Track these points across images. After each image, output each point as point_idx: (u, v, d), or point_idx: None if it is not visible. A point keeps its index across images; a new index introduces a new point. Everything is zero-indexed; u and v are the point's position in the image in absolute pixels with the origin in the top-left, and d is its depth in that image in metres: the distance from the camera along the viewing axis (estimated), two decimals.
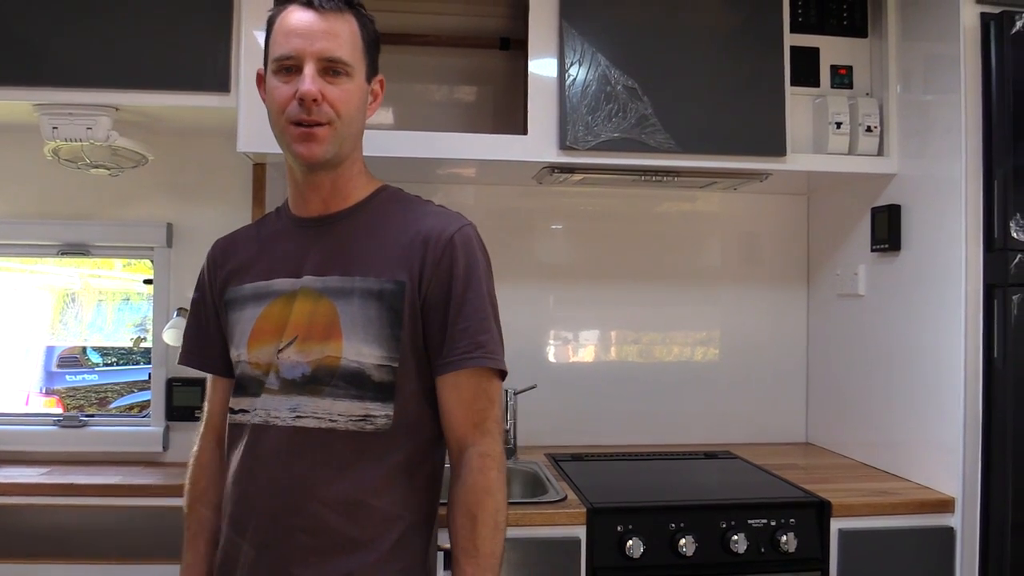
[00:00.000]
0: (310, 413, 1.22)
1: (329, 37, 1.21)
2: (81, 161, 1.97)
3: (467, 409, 1.24)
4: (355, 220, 1.31)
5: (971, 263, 1.79)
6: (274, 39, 1.24)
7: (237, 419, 1.28)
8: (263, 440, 1.23)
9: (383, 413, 1.22)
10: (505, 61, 2.30)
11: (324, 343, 1.22)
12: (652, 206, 2.45)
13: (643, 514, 1.73)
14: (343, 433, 1.21)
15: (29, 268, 2.33)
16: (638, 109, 1.93)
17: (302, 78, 1.20)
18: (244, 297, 1.30)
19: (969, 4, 1.81)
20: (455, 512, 1.22)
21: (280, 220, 1.37)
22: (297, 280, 1.26)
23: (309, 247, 1.28)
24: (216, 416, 1.39)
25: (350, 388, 1.21)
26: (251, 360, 1.26)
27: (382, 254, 1.26)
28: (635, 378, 2.43)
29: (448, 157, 1.95)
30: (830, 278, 2.36)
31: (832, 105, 2.04)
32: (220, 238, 1.42)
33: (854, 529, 1.77)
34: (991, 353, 1.78)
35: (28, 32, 1.82)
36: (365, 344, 1.21)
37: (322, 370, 1.21)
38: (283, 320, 1.25)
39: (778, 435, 2.47)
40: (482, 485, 1.21)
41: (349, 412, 1.21)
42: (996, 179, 1.77)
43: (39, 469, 1.97)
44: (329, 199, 1.31)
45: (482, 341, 1.24)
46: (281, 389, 1.23)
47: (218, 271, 1.36)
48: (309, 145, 1.22)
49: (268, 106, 1.26)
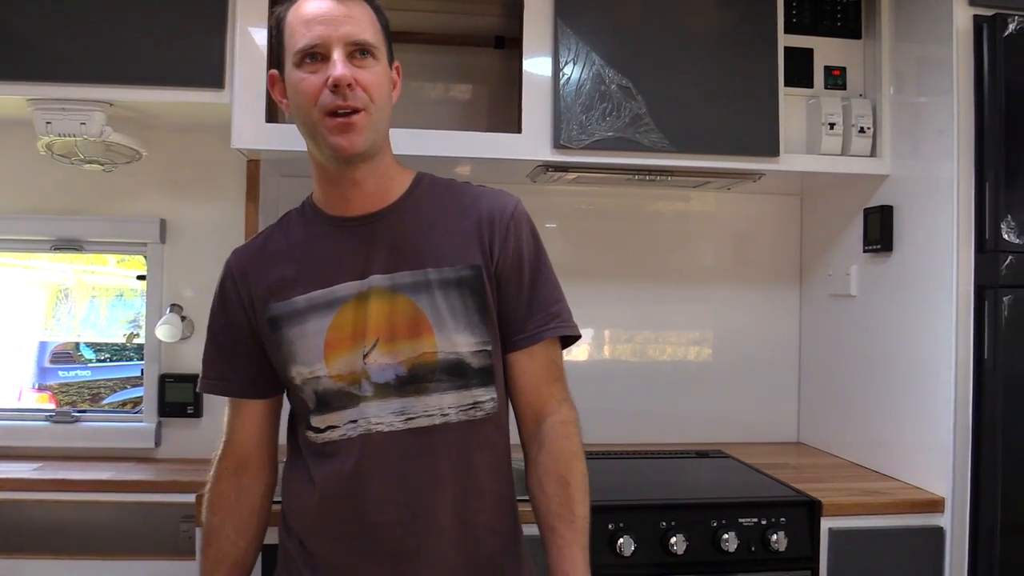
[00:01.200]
0: (421, 412, 1.20)
1: (352, 21, 1.17)
2: (75, 156, 1.96)
3: (543, 379, 1.28)
4: (407, 212, 1.26)
5: (962, 264, 1.80)
6: (291, 31, 1.18)
7: (326, 437, 1.22)
8: (369, 450, 1.19)
9: (489, 397, 1.24)
10: (500, 59, 2.30)
11: (414, 340, 1.20)
12: (646, 205, 2.46)
13: (634, 512, 1.73)
14: (456, 424, 1.21)
15: (22, 263, 2.32)
16: (632, 108, 1.94)
17: (332, 64, 1.14)
18: (299, 311, 1.22)
19: (962, 6, 1.82)
20: (545, 480, 1.24)
21: (313, 223, 1.28)
22: (363, 282, 1.21)
23: (366, 246, 1.23)
24: (241, 441, 1.32)
25: (454, 380, 1.21)
26: (332, 373, 1.20)
27: (448, 242, 1.24)
28: (628, 377, 2.43)
29: (442, 155, 1.95)
30: (822, 278, 2.37)
31: (825, 106, 2.05)
32: (238, 251, 1.32)
33: (844, 528, 1.78)
34: (982, 354, 1.78)
35: (22, 26, 1.82)
36: (457, 333, 1.21)
37: (420, 367, 1.20)
38: (360, 325, 1.20)
39: (769, 435, 2.48)
40: (571, 450, 1.26)
41: (459, 403, 1.22)
42: (988, 181, 1.78)
43: (31, 465, 1.97)
44: (372, 195, 1.25)
45: (556, 311, 1.28)
46: (377, 395, 1.20)
47: (250, 287, 1.26)
48: (349, 136, 1.16)
49: (295, 102, 1.19)
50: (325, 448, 1.23)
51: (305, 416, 1.25)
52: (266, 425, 1.33)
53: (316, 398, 1.22)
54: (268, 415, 1.33)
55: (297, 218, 1.32)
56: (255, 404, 1.31)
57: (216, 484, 1.31)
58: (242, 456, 1.32)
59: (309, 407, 1.23)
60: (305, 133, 1.22)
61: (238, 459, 1.32)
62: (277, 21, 1.23)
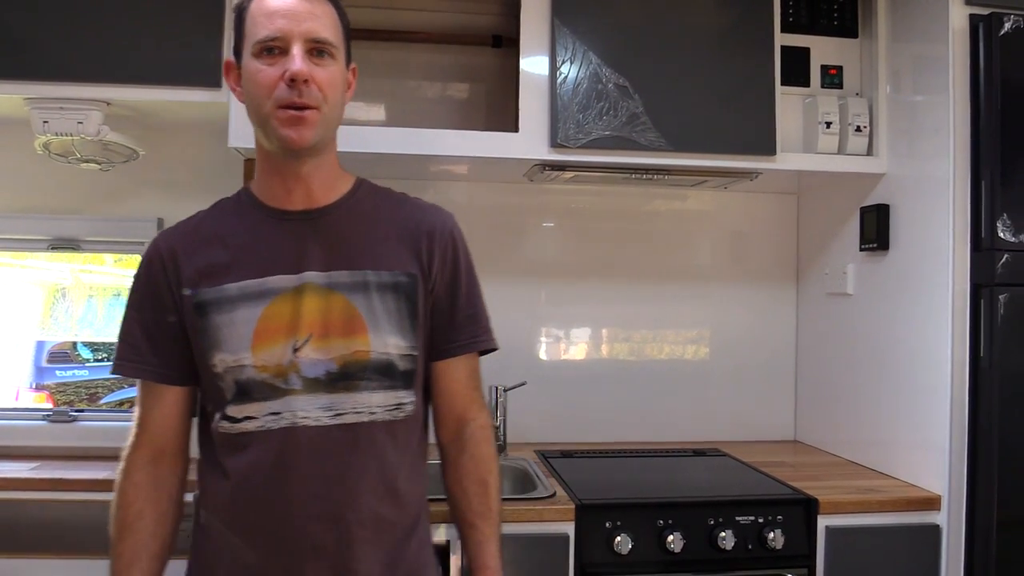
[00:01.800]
0: (350, 409, 1.21)
1: (314, 18, 1.19)
2: (72, 155, 1.96)
3: (467, 387, 1.35)
4: (348, 213, 1.29)
5: (958, 263, 1.81)
6: (253, 21, 1.19)
7: (240, 427, 1.21)
8: (292, 443, 1.19)
9: (410, 399, 1.27)
10: (497, 58, 2.30)
11: (348, 338, 1.22)
12: (643, 204, 2.46)
13: (632, 511, 1.74)
14: (380, 424, 1.24)
15: (19, 263, 2.32)
16: (629, 107, 1.94)
17: (291, 58, 1.16)
18: (229, 298, 1.22)
19: (958, 5, 1.82)
20: (465, 481, 1.32)
21: (250, 212, 1.28)
22: (297, 276, 1.22)
23: (304, 242, 1.24)
24: (158, 430, 1.28)
25: (383, 379, 1.24)
26: (257, 364, 1.20)
27: (387, 247, 1.27)
28: (625, 376, 2.44)
29: (440, 154, 1.95)
30: (819, 277, 2.37)
31: (822, 105, 2.05)
32: (166, 232, 1.30)
33: (841, 526, 1.79)
34: (977, 352, 1.79)
35: (19, 25, 1.81)
36: (390, 335, 1.24)
37: (352, 365, 1.22)
38: (292, 319, 1.21)
39: (767, 433, 2.48)
40: (490, 454, 1.35)
41: (385, 402, 1.24)
42: (983, 179, 1.78)
43: (29, 464, 1.97)
44: (316, 190, 1.27)
45: (484, 325, 1.36)
46: (306, 388, 1.21)
47: (179, 271, 1.24)
48: (299, 129, 1.17)
49: (249, 91, 1.20)
50: (240, 439, 1.22)
51: (221, 406, 1.23)
52: (183, 413, 1.30)
53: (236, 387, 1.21)
54: (186, 403, 1.30)
55: (232, 206, 1.32)
56: (174, 391, 1.28)
57: (131, 475, 1.27)
58: (159, 446, 1.28)
59: (227, 397, 1.22)
60: (255, 122, 1.23)
61: (154, 449, 1.28)
62: (239, 10, 1.24)
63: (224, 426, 1.23)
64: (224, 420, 1.23)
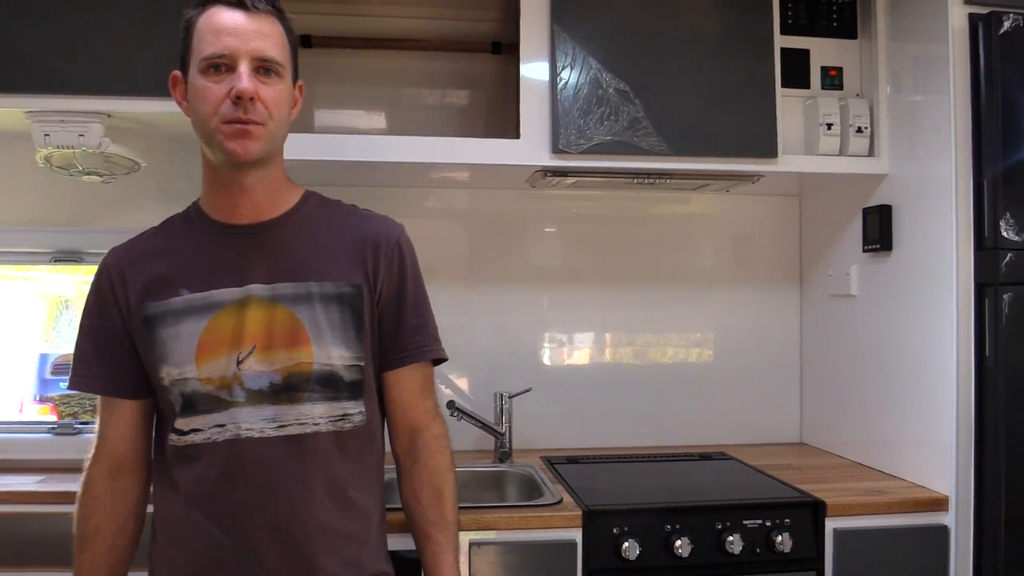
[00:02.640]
0: (293, 420, 1.22)
1: (261, 37, 1.19)
2: (73, 168, 1.96)
3: (418, 396, 1.35)
4: (293, 226, 1.30)
5: (962, 262, 1.80)
6: (200, 38, 1.20)
7: (188, 440, 1.23)
8: (237, 455, 1.20)
9: (358, 410, 1.27)
10: (497, 65, 2.30)
11: (291, 350, 1.22)
12: (645, 208, 2.46)
13: (639, 516, 1.73)
14: (326, 435, 1.24)
15: (22, 275, 2.32)
16: (630, 112, 1.94)
17: (237, 76, 1.17)
18: (174, 311, 1.23)
19: (957, 5, 1.82)
20: (420, 491, 1.32)
21: (197, 227, 1.30)
22: (241, 289, 1.23)
23: (249, 255, 1.26)
24: (115, 443, 1.30)
25: (326, 391, 1.25)
26: (201, 376, 1.21)
27: (331, 258, 1.28)
28: (630, 380, 2.43)
29: (441, 162, 1.95)
30: (823, 278, 2.37)
31: (823, 106, 2.05)
32: (115, 250, 1.32)
33: (849, 528, 1.78)
34: (983, 351, 1.78)
35: (19, 38, 1.81)
36: (333, 347, 1.25)
37: (295, 376, 1.22)
38: (236, 331, 1.22)
39: (772, 436, 2.48)
40: (444, 463, 1.34)
41: (330, 413, 1.25)
42: (986, 179, 1.78)
43: (34, 477, 1.96)
44: (260, 204, 1.28)
45: (433, 335, 1.37)
46: (249, 401, 1.21)
47: (126, 287, 1.26)
48: (243, 142, 1.18)
49: (196, 107, 1.21)
50: (187, 451, 1.23)
51: (171, 419, 1.25)
52: (140, 426, 1.31)
53: (183, 400, 1.23)
54: (142, 416, 1.31)
55: (180, 222, 1.34)
56: (129, 404, 1.29)
57: (89, 488, 1.29)
58: (116, 458, 1.30)
59: (175, 410, 1.24)
60: (201, 137, 1.23)
61: (112, 462, 1.30)
62: (187, 24, 1.24)
63: (173, 439, 1.24)
64: (173, 433, 1.24)
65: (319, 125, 2.28)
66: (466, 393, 2.33)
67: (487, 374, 2.34)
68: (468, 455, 2.22)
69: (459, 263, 2.37)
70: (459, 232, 2.37)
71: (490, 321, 2.37)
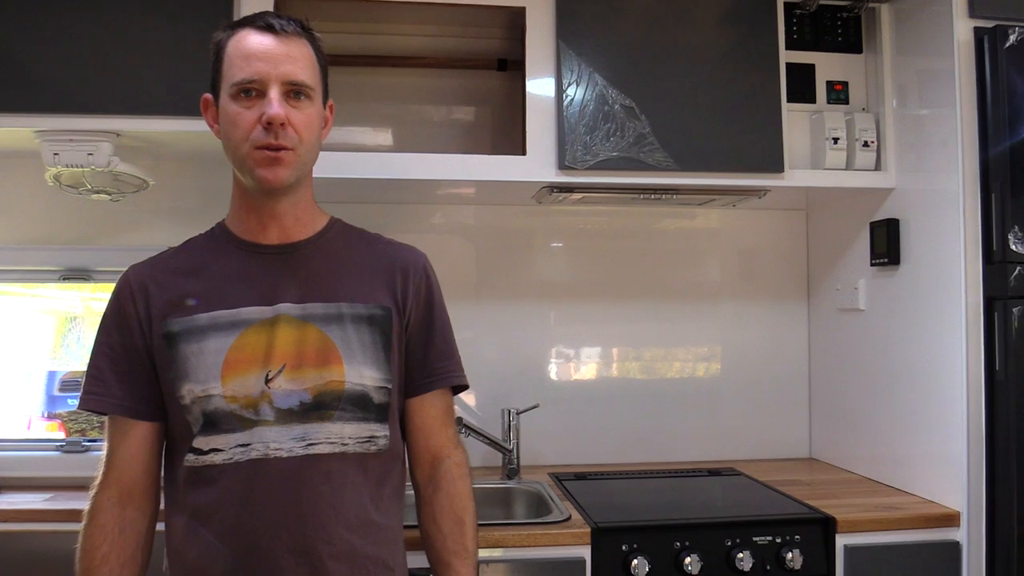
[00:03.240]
0: (323, 439, 1.20)
1: (291, 60, 1.19)
2: (82, 187, 1.98)
3: (440, 423, 1.35)
4: (323, 248, 1.30)
5: (971, 276, 1.80)
6: (230, 63, 1.19)
7: (207, 460, 1.19)
8: (262, 475, 1.17)
9: (383, 433, 1.26)
10: (503, 82, 2.31)
11: (323, 368, 1.21)
12: (652, 223, 2.46)
13: (648, 533, 1.72)
14: (352, 456, 1.23)
15: (31, 292, 2.33)
16: (636, 128, 1.94)
17: (268, 102, 1.17)
18: (199, 328, 1.21)
19: (963, 19, 1.83)
20: (441, 519, 1.31)
21: (224, 245, 1.29)
22: (271, 308, 1.22)
23: (279, 274, 1.25)
24: (127, 468, 1.24)
25: (356, 411, 1.23)
26: (226, 394, 1.18)
27: (361, 281, 1.28)
28: (637, 395, 2.43)
29: (448, 178, 1.95)
30: (830, 293, 2.36)
31: (829, 121, 2.05)
32: (136, 266, 1.30)
33: (860, 545, 1.77)
34: (992, 365, 1.77)
35: (29, 58, 1.83)
36: (365, 367, 1.24)
37: (326, 395, 1.21)
38: (266, 349, 1.20)
39: (782, 451, 2.46)
40: (465, 491, 1.34)
41: (358, 434, 1.23)
42: (993, 192, 1.78)
43: (42, 495, 1.96)
44: (290, 227, 1.28)
45: (458, 362, 1.37)
46: (279, 419, 1.19)
47: (149, 302, 1.23)
48: (275, 169, 1.19)
49: (227, 132, 1.21)
50: (206, 472, 1.19)
51: (188, 438, 1.21)
52: (154, 450, 1.26)
53: (204, 419, 1.19)
54: (156, 439, 1.26)
55: (205, 240, 1.33)
56: (142, 427, 1.24)
57: (96, 517, 1.22)
58: (127, 485, 1.23)
59: (193, 430, 1.20)
60: (233, 161, 1.23)
61: (122, 488, 1.23)
62: (217, 47, 1.24)
63: (190, 459, 1.20)
64: (190, 453, 1.20)
65: (326, 142, 2.27)
66: (473, 409, 2.33)
67: (494, 390, 2.33)
68: (476, 472, 2.19)
69: (466, 279, 2.37)
70: (466, 248, 2.37)
71: (497, 337, 2.37)
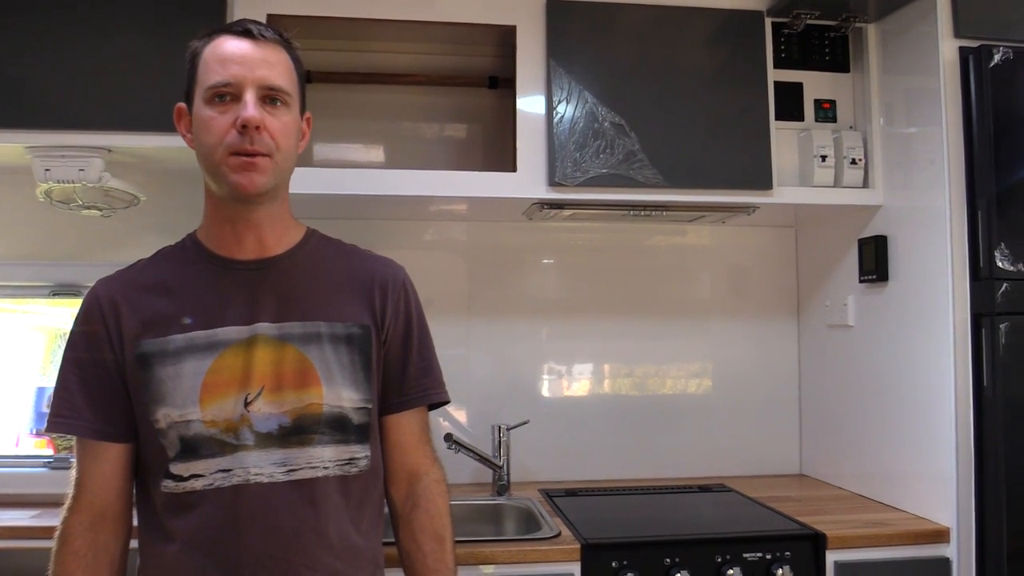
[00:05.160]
0: (304, 464, 1.18)
1: (268, 65, 1.16)
2: (73, 203, 1.98)
3: (418, 440, 1.33)
4: (300, 263, 1.26)
5: (958, 292, 1.81)
6: (206, 67, 1.16)
7: (187, 486, 1.15)
8: (246, 502, 1.14)
9: (364, 455, 1.24)
10: (494, 99, 2.33)
11: (301, 391, 1.19)
12: (642, 240, 2.47)
13: (638, 549, 1.72)
14: (334, 479, 1.21)
15: (20, 308, 2.32)
16: (625, 145, 1.96)
17: (243, 105, 1.13)
18: (175, 350, 1.16)
19: (948, 39, 1.85)
20: (421, 537, 1.28)
21: (197, 261, 1.24)
22: (249, 328, 1.18)
23: (255, 292, 1.21)
24: (99, 492, 1.18)
25: (335, 433, 1.21)
26: (205, 418, 1.14)
27: (339, 298, 1.25)
28: (628, 412, 2.43)
29: (439, 195, 1.96)
30: (820, 309, 2.37)
31: (817, 139, 2.07)
32: (103, 282, 1.24)
33: (850, 561, 1.76)
34: (981, 381, 1.78)
35: (20, 75, 1.84)
36: (344, 388, 1.21)
37: (306, 419, 1.18)
38: (244, 371, 1.17)
39: (772, 467, 2.47)
40: (444, 508, 1.31)
41: (338, 457, 1.21)
42: (980, 209, 1.79)
43: (29, 512, 1.95)
44: (266, 240, 1.24)
45: (437, 377, 1.35)
46: (258, 444, 1.16)
47: (120, 320, 1.18)
48: (250, 175, 1.14)
49: (200, 138, 1.17)
50: (185, 499, 1.15)
51: (163, 464, 1.17)
52: (126, 473, 1.21)
53: (181, 444, 1.15)
54: (128, 461, 1.21)
55: (176, 253, 1.27)
56: (115, 449, 1.19)
57: (67, 542, 1.16)
58: (99, 509, 1.18)
59: (169, 455, 1.16)
60: (206, 169, 1.19)
61: (94, 512, 1.18)
62: (192, 55, 1.21)
63: (169, 486, 1.16)
64: (168, 479, 1.16)
65: (318, 159, 2.30)
66: (464, 425, 2.32)
67: (485, 406, 2.33)
68: (466, 488, 2.21)
69: (457, 295, 2.37)
70: (457, 264, 2.38)
71: (488, 353, 2.37)
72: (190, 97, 1.21)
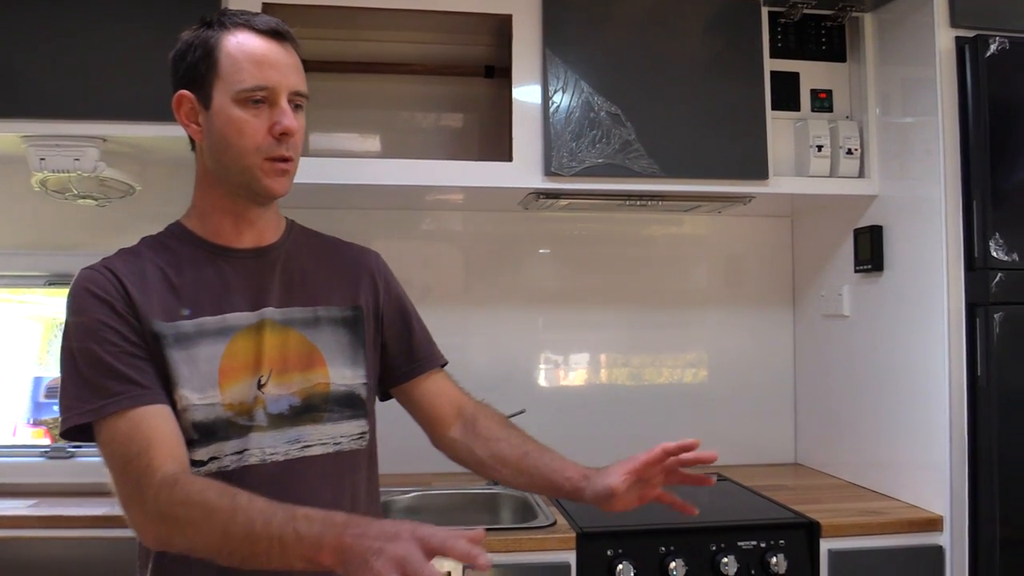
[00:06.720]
0: (316, 441, 1.21)
1: (296, 71, 1.18)
2: (69, 192, 1.97)
3: (452, 388, 1.40)
4: (292, 251, 1.29)
5: (953, 282, 1.82)
6: (235, 65, 1.14)
7: (205, 470, 1.12)
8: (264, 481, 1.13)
9: (368, 428, 1.28)
10: (490, 88, 2.32)
11: (307, 372, 1.22)
12: (638, 230, 2.47)
13: (633, 538, 1.73)
14: (346, 454, 1.24)
15: (17, 298, 2.32)
16: (622, 135, 1.95)
17: (281, 112, 1.15)
18: (186, 334, 1.15)
19: (944, 28, 1.85)
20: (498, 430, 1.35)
21: (192, 250, 1.22)
22: (257, 313, 1.20)
23: (259, 279, 1.23)
24: (177, 444, 1.09)
25: (345, 409, 1.24)
26: (225, 402, 1.15)
27: (333, 283, 1.29)
28: (624, 401, 2.43)
29: (436, 184, 1.96)
30: (815, 299, 2.38)
31: (813, 128, 2.07)
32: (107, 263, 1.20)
33: (844, 549, 1.78)
34: (975, 371, 1.79)
35: (15, 64, 1.83)
36: (345, 367, 1.25)
37: (314, 397, 1.22)
38: (255, 354, 1.19)
39: (767, 456, 2.48)
40: (500, 414, 1.41)
41: (350, 432, 1.25)
42: (975, 199, 1.80)
43: (26, 501, 1.96)
44: (263, 230, 1.26)
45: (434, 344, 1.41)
46: (271, 425, 1.18)
47: (132, 301, 1.14)
48: (283, 180, 1.18)
49: (229, 138, 1.15)
50: None
51: None
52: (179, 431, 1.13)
53: (196, 429, 1.12)
54: None
55: (166, 242, 1.24)
56: (168, 408, 1.11)
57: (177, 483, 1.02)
58: (181, 462, 1.08)
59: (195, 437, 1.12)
60: (231, 167, 1.17)
61: (181, 465, 1.08)
62: (206, 44, 1.18)
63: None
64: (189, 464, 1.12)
65: (314, 148, 2.29)
66: None
67: (481, 395, 2.30)
68: (461, 477, 2.21)
69: (454, 285, 2.37)
70: (454, 254, 2.38)
71: (485, 342, 2.37)
72: (203, 87, 1.18)
